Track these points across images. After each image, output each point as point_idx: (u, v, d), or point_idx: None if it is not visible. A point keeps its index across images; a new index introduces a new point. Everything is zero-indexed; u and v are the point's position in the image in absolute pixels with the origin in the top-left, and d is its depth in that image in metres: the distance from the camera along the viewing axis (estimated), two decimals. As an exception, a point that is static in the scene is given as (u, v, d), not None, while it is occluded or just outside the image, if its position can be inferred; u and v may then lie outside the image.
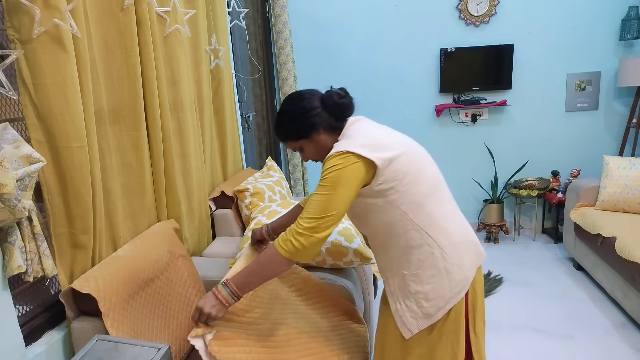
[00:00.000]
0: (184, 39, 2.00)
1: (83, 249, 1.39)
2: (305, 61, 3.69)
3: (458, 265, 1.20)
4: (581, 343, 2.24)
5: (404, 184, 1.17)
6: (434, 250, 1.19)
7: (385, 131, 1.28)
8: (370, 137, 1.20)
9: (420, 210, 1.19)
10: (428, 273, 1.20)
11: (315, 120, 1.25)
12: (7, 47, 1.21)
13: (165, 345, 1.16)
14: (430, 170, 1.26)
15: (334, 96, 1.25)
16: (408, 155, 1.20)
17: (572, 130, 3.60)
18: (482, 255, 1.28)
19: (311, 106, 1.25)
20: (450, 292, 1.19)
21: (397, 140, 1.24)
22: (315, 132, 1.26)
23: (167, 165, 1.85)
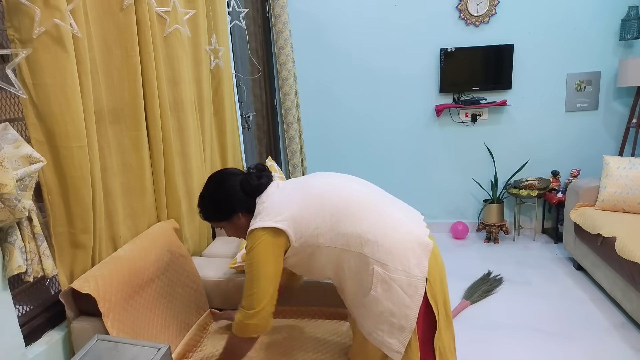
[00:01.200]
0: (184, 39, 2.00)
1: (83, 248, 1.39)
2: (305, 61, 3.69)
3: (402, 269, 1.21)
4: (581, 343, 2.24)
5: (317, 227, 1.25)
6: (373, 266, 1.22)
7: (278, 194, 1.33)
8: (271, 207, 1.28)
9: (345, 238, 1.25)
10: (379, 290, 1.22)
11: (234, 205, 1.35)
12: (7, 47, 1.21)
13: (165, 345, 1.16)
14: (342, 198, 1.29)
15: (253, 179, 1.35)
16: (308, 202, 1.28)
17: (572, 130, 3.60)
18: (427, 246, 1.26)
19: (231, 191, 1.35)
20: (408, 296, 1.21)
21: (296, 193, 1.31)
22: (235, 216, 1.36)
23: (167, 165, 1.85)
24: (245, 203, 1.34)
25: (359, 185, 1.37)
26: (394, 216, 1.30)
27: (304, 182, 1.37)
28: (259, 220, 1.27)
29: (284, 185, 1.37)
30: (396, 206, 1.36)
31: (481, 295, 2.75)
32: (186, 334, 1.61)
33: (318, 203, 1.28)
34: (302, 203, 1.28)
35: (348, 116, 3.77)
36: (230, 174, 1.39)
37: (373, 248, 1.22)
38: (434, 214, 3.88)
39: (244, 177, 1.36)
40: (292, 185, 1.36)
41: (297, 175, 3.67)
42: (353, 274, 1.26)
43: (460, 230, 3.72)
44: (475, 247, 3.55)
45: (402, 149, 3.79)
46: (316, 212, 1.26)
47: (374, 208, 1.30)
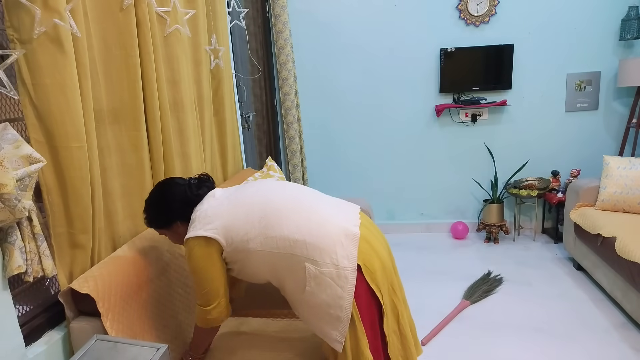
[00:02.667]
0: (184, 39, 2.00)
1: (82, 249, 1.39)
2: (305, 61, 3.69)
3: (331, 262, 1.26)
4: (581, 343, 2.24)
5: (246, 233, 1.32)
6: (304, 264, 1.28)
7: (217, 199, 1.40)
8: (202, 217, 1.36)
9: (274, 241, 1.31)
10: (313, 284, 1.28)
11: (172, 214, 1.42)
12: (7, 47, 1.21)
13: (164, 345, 1.16)
14: (271, 203, 1.36)
15: (192, 189, 1.42)
16: (237, 209, 1.35)
17: (572, 130, 3.60)
18: (355, 235, 1.30)
19: (171, 200, 1.41)
20: (339, 287, 1.25)
21: (227, 202, 1.38)
22: (174, 224, 1.43)
23: (167, 165, 1.85)
24: (183, 212, 1.40)
25: (290, 190, 1.43)
26: (320, 213, 1.35)
27: (237, 190, 1.44)
28: (192, 229, 1.35)
29: (220, 194, 1.44)
30: (325, 204, 1.41)
31: (481, 295, 2.75)
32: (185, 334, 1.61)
33: (247, 210, 1.35)
34: (231, 210, 1.35)
35: (348, 116, 3.77)
36: (173, 183, 1.46)
37: (302, 247, 1.28)
38: (434, 214, 3.88)
39: (184, 187, 1.43)
40: (225, 194, 1.43)
41: (297, 175, 3.67)
42: (288, 273, 1.32)
43: (460, 230, 3.72)
44: (475, 247, 3.56)
45: (402, 149, 3.79)
46: (245, 219, 1.33)
47: (301, 209, 1.35)
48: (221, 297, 1.35)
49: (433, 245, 3.61)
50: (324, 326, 1.30)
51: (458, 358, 2.19)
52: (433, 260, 3.33)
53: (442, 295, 2.78)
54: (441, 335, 2.38)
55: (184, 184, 1.44)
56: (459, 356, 2.20)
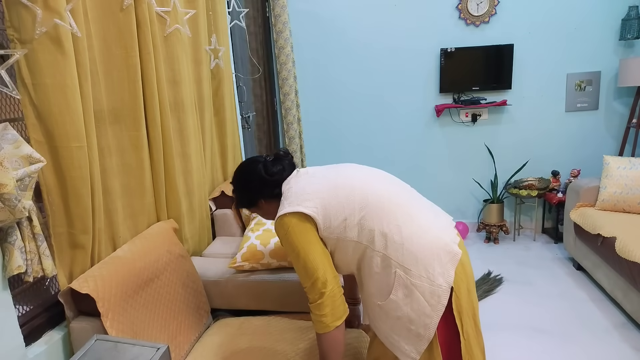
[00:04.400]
0: (184, 39, 2.00)
1: (82, 249, 1.39)
2: (305, 61, 3.69)
3: (426, 276, 1.17)
4: (581, 343, 2.24)
5: (345, 219, 1.21)
6: (395, 269, 1.18)
7: (307, 181, 1.32)
8: (299, 193, 1.26)
9: (371, 235, 1.21)
10: (400, 295, 1.18)
11: (254, 192, 1.37)
12: (7, 47, 1.21)
13: (164, 345, 1.17)
14: (373, 193, 1.25)
15: (269, 167, 1.36)
16: (338, 191, 1.24)
17: (572, 130, 3.59)
18: (455, 255, 1.20)
19: (250, 179, 1.37)
20: (429, 305, 1.16)
21: (322, 181, 1.29)
22: (259, 202, 1.38)
23: (167, 165, 1.85)
24: (264, 190, 1.35)
25: (390, 182, 1.34)
26: (422, 219, 1.24)
27: (335, 171, 1.35)
28: (287, 205, 1.24)
29: (314, 172, 1.37)
30: (427, 208, 1.31)
31: (481, 295, 2.75)
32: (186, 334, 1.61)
33: (348, 194, 1.24)
34: (332, 191, 1.25)
35: (348, 116, 3.77)
36: (251, 162, 1.41)
37: (398, 250, 1.18)
38: (434, 214, 3.87)
39: (262, 165, 1.36)
40: (322, 173, 1.35)
41: (297, 175, 3.66)
42: (374, 273, 1.22)
43: (460, 230, 3.72)
44: (475, 247, 3.55)
45: (402, 149, 3.79)
46: (346, 203, 1.22)
47: (403, 208, 1.25)
48: (331, 282, 1.18)
49: (433, 245, 3.61)
50: (398, 339, 1.21)
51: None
52: (433, 260, 3.33)
53: (442, 295, 2.77)
54: (441, 335, 2.38)
55: (260, 162, 1.38)
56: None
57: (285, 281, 1.76)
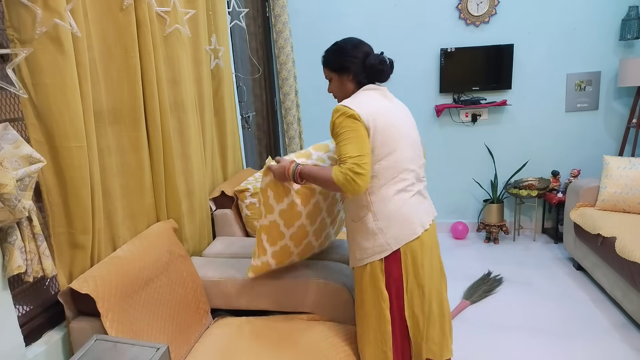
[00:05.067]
0: (184, 39, 2.00)
1: (82, 249, 1.39)
2: (305, 61, 3.69)
3: (383, 232, 1.44)
4: (581, 343, 2.24)
5: (373, 154, 1.41)
6: (369, 213, 1.45)
7: (380, 104, 1.46)
8: (366, 104, 1.42)
9: (375, 179, 1.43)
10: (362, 227, 1.47)
11: (350, 66, 1.49)
12: (7, 47, 1.21)
13: (164, 345, 1.17)
14: (403, 152, 1.45)
15: (375, 60, 1.49)
16: (387, 131, 1.41)
17: (572, 130, 3.59)
18: (414, 234, 1.45)
19: (355, 54, 1.49)
20: (372, 250, 1.45)
21: (386, 116, 1.44)
22: (347, 74, 1.51)
23: (167, 165, 1.85)
24: (359, 72, 1.49)
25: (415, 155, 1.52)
26: (414, 197, 1.48)
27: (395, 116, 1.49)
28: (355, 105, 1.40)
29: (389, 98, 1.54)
30: (422, 189, 1.55)
31: (481, 296, 2.75)
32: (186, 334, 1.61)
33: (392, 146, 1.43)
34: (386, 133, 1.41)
35: (348, 116, 3.77)
36: (365, 44, 1.54)
37: (381, 202, 1.44)
38: (434, 214, 3.88)
39: (371, 54, 1.50)
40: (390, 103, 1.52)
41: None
42: (358, 203, 1.47)
43: (460, 230, 3.72)
44: (475, 247, 3.55)
45: (402, 149, 3.79)
46: (385, 149, 1.41)
47: (408, 182, 1.47)
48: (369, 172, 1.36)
49: (433, 245, 3.61)
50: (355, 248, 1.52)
51: (458, 358, 2.19)
52: (433, 260, 3.33)
53: (442, 295, 2.77)
54: (441, 335, 2.38)
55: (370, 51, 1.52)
56: (458, 356, 2.20)
57: (286, 281, 1.76)
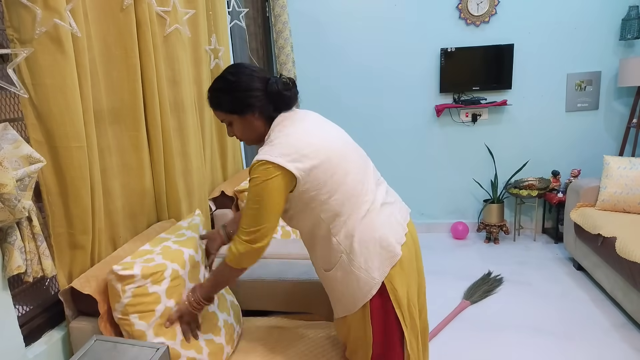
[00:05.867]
0: (184, 39, 2.00)
1: (82, 249, 1.38)
2: (305, 61, 3.69)
3: (365, 267, 1.25)
4: (581, 343, 2.24)
5: (322, 192, 1.22)
6: (342, 254, 1.26)
7: (307, 135, 1.25)
8: (291, 145, 1.20)
9: (336, 218, 1.25)
10: (339, 274, 1.28)
11: (253, 102, 1.25)
12: (7, 47, 1.21)
13: (164, 345, 1.17)
14: (352, 174, 1.27)
15: (279, 85, 1.25)
16: (330, 162, 1.22)
17: (572, 130, 3.59)
18: (395, 256, 1.26)
19: (255, 86, 1.24)
20: (360, 292, 1.26)
21: (319, 145, 1.23)
22: (251, 113, 1.26)
23: (167, 165, 1.85)
24: (265, 105, 1.25)
25: (364, 168, 1.34)
26: (380, 215, 1.28)
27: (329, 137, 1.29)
28: (278, 153, 1.18)
29: (310, 124, 1.29)
30: (388, 203, 1.34)
31: (481, 296, 2.75)
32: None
33: (333, 172, 1.23)
34: (324, 163, 1.21)
35: (348, 116, 3.77)
36: (259, 70, 1.30)
37: (348, 239, 1.25)
38: (434, 214, 3.88)
39: (271, 79, 1.26)
40: (318, 131, 1.29)
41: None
42: (324, 246, 1.29)
43: (460, 230, 3.72)
44: (475, 247, 3.55)
45: (402, 149, 3.79)
46: (329, 180, 1.22)
47: (368, 202, 1.27)
48: (270, 236, 1.23)
49: (433, 245, 3.61)
50: (332, 300, 1.36)
51: (458, 358, 2.19)
52: (433, 260, 3.33)
53: (442, 295, 2.77)
54: (441, 335, 2.38)
55: (269, 77, 1.27)
56: (459, 356, 2.20)
57: (285, 281, 1.76)
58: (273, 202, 1.18)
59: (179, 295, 1.33)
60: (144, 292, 1.24)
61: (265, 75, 1.27)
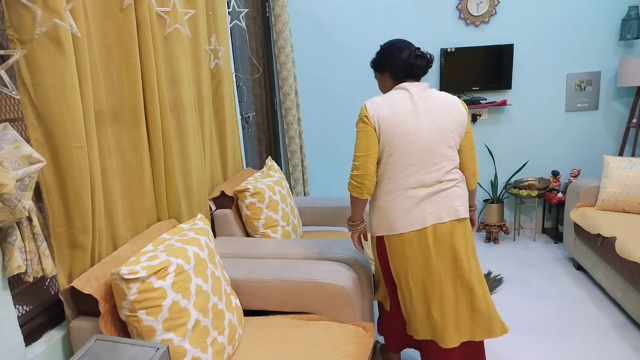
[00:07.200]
0: (184, 39, 2.00)
1: (82, 249, 1.39)
2: (305, 61, 3.69)
3: (372, 218, 1.74)
4: (581, 343, 2.24)
5: (380, 152, 1.63)
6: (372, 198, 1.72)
7: (396, 110, 1.60)
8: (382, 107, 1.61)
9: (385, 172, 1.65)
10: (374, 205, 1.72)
11: (386, 65, 1.71)
12: (7, 47, 1.22)
13: (164, 345, 1.17)
14: (400, 158, 1.61)
15: (410, 56, 1.66)
16: (389, 135, 1.59)
17: (572, 130, 3.60)
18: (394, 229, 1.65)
19: (393, 54, 1.69)
20: (372, 227, 1.76)
21: (393, 123, 1.59)
22: (386, 73, 1.72)
23: (167, 165, 1.85)
24: (396, 69, 1.68)
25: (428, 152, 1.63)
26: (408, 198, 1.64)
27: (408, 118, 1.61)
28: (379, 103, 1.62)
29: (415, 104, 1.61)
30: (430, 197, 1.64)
31: (481, 295, 2.75)
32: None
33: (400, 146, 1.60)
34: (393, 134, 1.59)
35: (348, 116, 3.76)
36: (406, 44, 1.71)
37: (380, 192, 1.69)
38: (434, 214, 3.87)
39: (410, 51, 1.67)
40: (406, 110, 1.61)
41: (297, 175, 3.67)
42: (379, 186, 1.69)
43: (460, 230, 3.71)
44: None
45: (402, 149, 3.79)
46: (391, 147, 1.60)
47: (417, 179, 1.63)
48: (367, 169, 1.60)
49: (433, 245, 3.60)
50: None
51: (458, 358, 2.19)
52: (433, 260, 3.33)
53: (442, 295, 2.77)
54: (441, 335, 2.38)
55: (411, 48, 1.68)
56: (459, 356, 2.20)
57: (285, 281, 1.76)
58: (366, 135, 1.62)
59: (186, 290, 1.33)
60: (149, 287, 1.24)
61: (406, 47, 1.69)
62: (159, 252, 1.36)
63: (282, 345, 1.54)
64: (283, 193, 2.41)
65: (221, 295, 1.48)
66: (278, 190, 2.37)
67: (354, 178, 1.63)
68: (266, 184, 2.34)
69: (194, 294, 1.34)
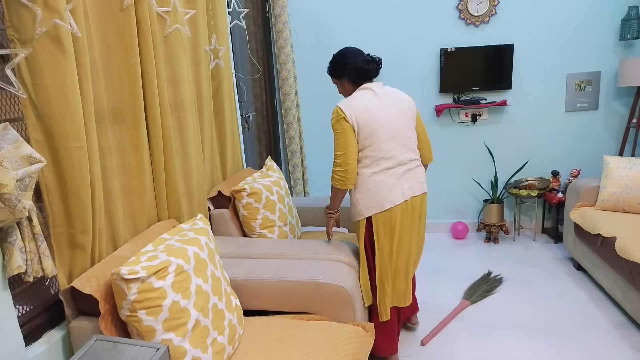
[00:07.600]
0: (184, 39, 2.00)
1: (82, 249, 1.39)
2: (305, 61, 3.69)
3: (359, 202, 1.90)
4: (581, 343, 2.24)
5: (360, 145, 1.85)
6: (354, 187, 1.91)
7: (368, 106, 1.86)
8: (355, 106, 1.84)
9: (360, 164, 1.88)
10: (351, 198, 1.95)
11: (344, 72, 1.96)
12: (7, 47, 1.21)
13: (164, 345, 1.17)
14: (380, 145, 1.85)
15: (363, 62, 1.91)
16: (368, 128, 1.82)
17: (572, 130, 3.60)
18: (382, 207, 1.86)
19: (348, 62, 1.94)
20: (355, 214, 1.94)
21: (369, 117, 1.83)
22: (344, 78, 1.98)
23: (167, 165, 1.85)
24: (352, 74, 1.94)
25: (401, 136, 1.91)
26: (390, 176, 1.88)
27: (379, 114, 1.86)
28: (347, 100, 1.88)
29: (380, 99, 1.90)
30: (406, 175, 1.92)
31: (481, 295, 2.75)
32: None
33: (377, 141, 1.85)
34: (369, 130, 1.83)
35: (348, 116, 3.77)
36: (357, 52, 1.97)
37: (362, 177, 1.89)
38: (434, 214, 3.88)
39: (361, 57, 1.93)
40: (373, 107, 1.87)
41: (297, 175, 3.67)
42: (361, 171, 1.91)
43: (460, 230, 3.72)
44: (475, 247, 3.56)
45: (402, 149, 3.79)
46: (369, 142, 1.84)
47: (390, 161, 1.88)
48: (349, 165, 1.82)
49: (433, 245, 3.61)
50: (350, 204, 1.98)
51: (458, 358, 2.19)
52: (433, 260, 3.33)
53: (442, 295, 2.78)
54: (441, 335, 2.38)
55: (362, 55, 1.94)
56: (458, 356, 2.20)
57: (285, 281, 1.76)
58: (344, 135, 1.83)
59: (186, 290, 1.33)
60: (149, 287, 1.24)
61: (358, 55, 1.95)
62: (159, 252, 1.36)
63: (282, 345, 1.54)
64: (281, 193, 2.41)
65: (221, 295, 1.48)
66: (276, 191, 2.37)
67: (337, 173, 1.85)
68: (264, 184, 2.34)
69: (194, 294, 1.34)
